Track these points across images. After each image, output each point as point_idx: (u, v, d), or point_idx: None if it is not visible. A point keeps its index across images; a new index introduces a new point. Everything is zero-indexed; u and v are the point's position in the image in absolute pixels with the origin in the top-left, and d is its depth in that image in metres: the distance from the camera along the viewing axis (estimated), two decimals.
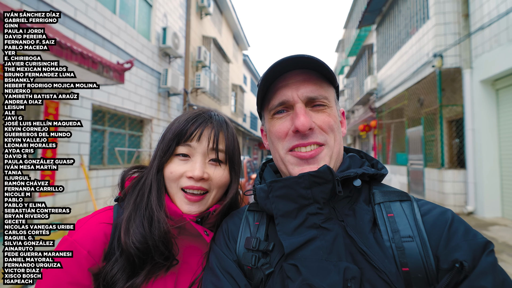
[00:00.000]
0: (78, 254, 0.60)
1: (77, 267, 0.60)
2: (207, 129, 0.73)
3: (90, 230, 0.64)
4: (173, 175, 0.70)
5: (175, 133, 0.72)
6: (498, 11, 5.06)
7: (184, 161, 0.72)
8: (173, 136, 0.72)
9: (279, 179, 0.58)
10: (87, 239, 0.62)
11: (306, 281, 0.49)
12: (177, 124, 0.74)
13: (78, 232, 0.63)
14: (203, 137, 0.72)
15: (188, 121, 0.73)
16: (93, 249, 0.62)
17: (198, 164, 0.70)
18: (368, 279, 0.49)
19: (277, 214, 0.57)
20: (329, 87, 0.64)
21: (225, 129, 0.77)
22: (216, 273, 0.59)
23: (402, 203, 0.57)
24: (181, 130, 0.72)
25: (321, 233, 0.53)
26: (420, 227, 0.52)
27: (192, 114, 0.76)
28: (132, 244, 0.62)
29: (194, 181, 0.69)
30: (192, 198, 0.70)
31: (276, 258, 0.57)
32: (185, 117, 0.75)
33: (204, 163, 0.72)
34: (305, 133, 0.59)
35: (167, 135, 0.74)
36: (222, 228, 0.70)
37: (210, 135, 0.72)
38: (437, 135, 6.62)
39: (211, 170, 0.72)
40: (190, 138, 0.71)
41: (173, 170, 0.70)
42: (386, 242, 0.52)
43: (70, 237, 0.63)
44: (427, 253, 0.49)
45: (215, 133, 0.73)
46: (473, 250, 0.47)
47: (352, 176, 0.58)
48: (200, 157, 0.71)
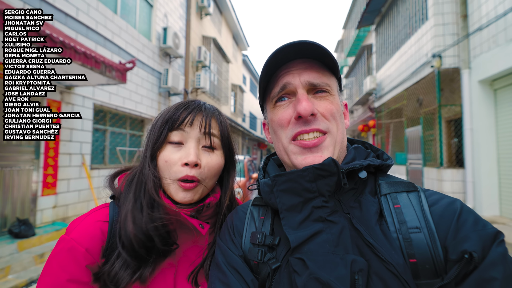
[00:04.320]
0: (76, 252, 0.61)
1: (75, 264, 0.60)
2: (199, 114, 0.72)
3: (87, 228, 0.64)
4: (168, 163, 0.69)
5: (166, 119, 0.71)
6: (496, 12, 5.12)
7: (177, 147, 0.70)
8: (165, 122, 0.71)
9: (283, 173, 0.57)
10: (84, 237, 0.62)
11: (313, 275, 0.48)
12: (167, 111, 0.73)
13: (75, 231, 0.63)
14: (195, 122, 0.71)
15: (179, 107, 0.72)
16: (90, 246, 0.62)
17: (192, 149, 0.69)
18: (376, 271, 0.48)
19: (282, 208, 0.56)
20: (331, 76, 0.63)
21: (217, 116, 0.76)
22: (222, 269, 0.59)
23: (409, 194, 0.56)
24: (172, 115, 0.71)
25: (327, 226, 0.52)
26: (427, 218, 0.51)
27: (183, 102, 0.75)
28: (134, 236, 0.62)
29: (189, 168, 0.68)
30: (187, 185, 0.68)
31: (283, 252, 0.56)
32: (176, 105, 0.74)
33: (197, 149, 0.70)
34: (308, 119, 0.58)
35: (158, 123, 0.72)
36: (227, 223, 0.69)
37: (202, 120, 0.71)
38: (436, 135, 6.67)
39: (205, 156, 0.71)
40: (183, 123, 0.70)
41: (168, 158, 0.69)
42: (393, 233, 0.51)
43: (68, 235, 0.63)
44: (435, 244, 0.48)
45: (207, 118, 0.72)
46: (483, 241, 0.46)
47: (358, 168, 0.57)
48: (193, 142, 0.70)
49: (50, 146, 4.34)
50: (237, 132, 16.59)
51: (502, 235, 0.47)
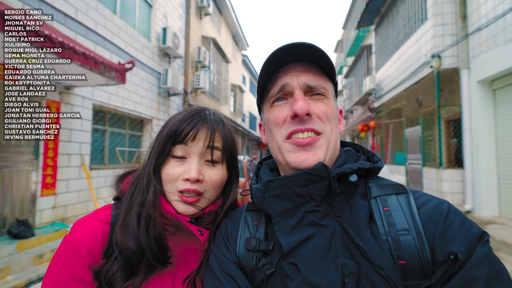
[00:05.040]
0: (78, 252, 0.63)
1: (78, 264, 0.62)
2: (202, 128, 0.72)
3: (89, 229, 0.66)
4: (170, 177, 0.70)
5: (170, 133, 0.71)
6: (495, 12, 5.13)
7: (180, 162, 0.71)
8: (168, 137, 0.71)
9: (275, 179, 0.57)
10: (86, 238, 0.64)
11: (306, 279, 0.49)
12: (171, 124, 0.73)
13: (78, 232, 0.65)
14: (198, 137, 0.71)
15: (183, 120, 0.72)
16: (92, 247, 0.64)
17: (194, 165, 0.69)
18: (365, 274, 0.49)
19: (274, 213, 0.57)
20: (328, 81, 0.64)
21: (222, 128, 0.75)
22: (217, 276, 0.59)
23: (398, 196, 0.57)
24: (176, 130, 0.71)
25: (318, 231, 0.53)
26: (416, 219, 0.52)
27: (187, 113, 0.74)
28: (128, 246, 0.64)
29: (190, 183, 0.69)
30: (188, 199, 0.70)
31: (277, 257, 0.57)
32: (180, 117, 0.73)
33: (200, 164, 0.71)
34: (303, 118, 0.59)
35: (162, 135, 0.73)
36: (221, 229, 0.70)
37: (206, 134, 0.71)
38: (435, 135, 6.68)
39: (206, 171, 0.72)
40: (186, 138, 0.70)
41: (170, 172, 0.70)
42: (382, 236, 0.52)
43: (71, 236, 0.65)
44: (423, 246, 0.49)
45: (211, 132, 0.72)
46: (468, 242, 0.46)
47: (348, 172, 0.57)
48: (196, 157, 0.71)
49: (49, 146, 4.33)
50: (237, 132, 16.60)
51: (487, 236, 0.48)
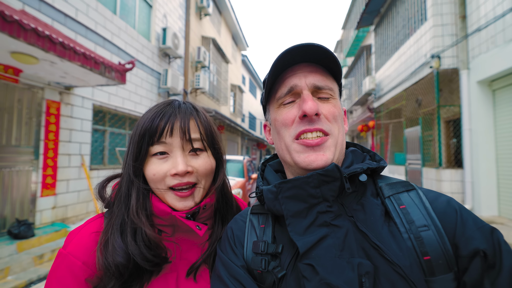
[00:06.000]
0: (73, 266, 0.61)
1: (74, 279, 0.60)
2: (176, 121, 0.69)
3: (82, 241, 0.64)
4: (156, 176, 0.67)
5: (143, 132, 0.68)
6: (494, 13, 5.14)
7: (163, 159, 0.68)
8: (142, 137, 0.68)
9: (288, 180, 0.58)
10: (80, 250, 0.62)
11: (324, 280, 0.49)
12: (143, 121, 0.69)
13: (71, 244, 0.63)
14: (175, 131, 0.68)
15: (154, 117, 0.69)
16: (87, 259, 0.62)
17: (179, 159, 0.67)
18: (384, 273, 0.49)
19: (287, 214, 0.57)
20: (333, 81, 0.65)
21: (196, 116, 0.73)
22: (224, 281, 0.59)
23: (409, 193, 0.58)
24: (149, 128, 0.68)
25: (331, 231, 0.54)
26: (432, 215, 0.53)
27: (157, 108, 0.71)
28: (117, 261, 0.61)
29: (180, 177, 0.67)
30: (183, 194, 0.68)
31: (287, 259, 0.57)
32: (151, 114, 0.70)
33: (185, 156, 0.69)
34: (312, 118, 0.59)
35: (136, 135, 0.69)
36: (227, 233, 0.69)
37: (181, 126, 0.69)
38: (435, 135, 6.69)
39: (193, 161, 0.70)
40: (163, 134, 0.67)
41: (155, 171, 0.67)
42: (403, 234, 0.52)
43: (64, 249, 0.63)
44: (443, 240, 0.50)
45: (186, 123, 0.69)
46: (486, 237, 0.49)
47: (359, 172, 0.58)
48: (178, 150, 0.68)
49: (49, 146, 4.33)
50: (237, 132, 16.60)
51: (494, 228, 0.52)
